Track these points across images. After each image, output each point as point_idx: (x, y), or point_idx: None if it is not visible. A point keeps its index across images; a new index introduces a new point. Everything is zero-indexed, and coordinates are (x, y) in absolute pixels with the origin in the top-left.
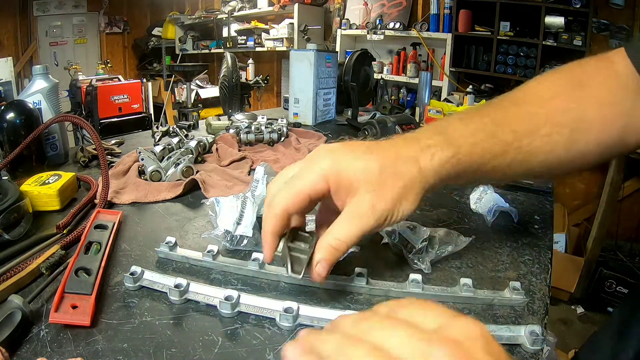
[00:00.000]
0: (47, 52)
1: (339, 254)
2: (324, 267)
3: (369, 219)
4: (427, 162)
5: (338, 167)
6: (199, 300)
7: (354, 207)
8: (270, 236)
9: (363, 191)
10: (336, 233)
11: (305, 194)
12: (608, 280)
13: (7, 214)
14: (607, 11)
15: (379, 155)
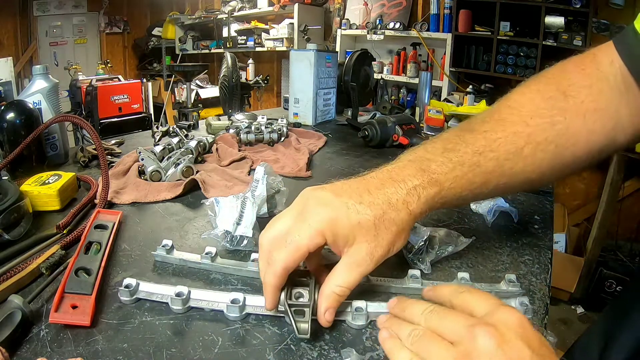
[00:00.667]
0: (47, 52)
1: (342, 299)
2: (331, 313)
3: (367, 265)
4: (414, 204)
5: (334, 221)
6: (203, 307)
7: (353, 256)
8: (273, 290)
9: (360, 241)
10: (338, 281)
11: (304, 250)
12: (608, 280)
13: (7, 214)
14: (607, 11)
15: (372, 204)
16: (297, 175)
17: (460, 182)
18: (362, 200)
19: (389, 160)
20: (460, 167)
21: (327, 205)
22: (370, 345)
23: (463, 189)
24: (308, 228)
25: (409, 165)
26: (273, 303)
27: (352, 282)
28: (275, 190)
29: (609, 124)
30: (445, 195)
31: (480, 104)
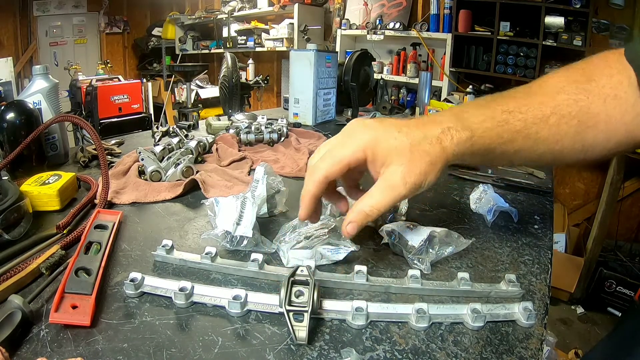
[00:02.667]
0: (47, 52)
1: (369, 219)
2: (354, 227)
3: (400, 189)
4: (447, 142)
5: (375, 141)
6: (206, 302)
7: (387, 178)
8: (310, 199)
9: (396, 164)
10: (371, 201)
11: (345, 162)
12: (608, 280)
13: (7, 214)
14: (607, 11)
15: (409, 134)
16: (297, 176)
17: (490, 134)
18: (401, 130)
19: None
20: (491, 120)
21: (371, 128)
22: (370, 345)
23: (492, 141)
24: (352, 143)
25: (445, 113)
26: (307, 212)
27: (383, 203)
28: (275, 190)
29: (628, 116)
30: (475, 142)
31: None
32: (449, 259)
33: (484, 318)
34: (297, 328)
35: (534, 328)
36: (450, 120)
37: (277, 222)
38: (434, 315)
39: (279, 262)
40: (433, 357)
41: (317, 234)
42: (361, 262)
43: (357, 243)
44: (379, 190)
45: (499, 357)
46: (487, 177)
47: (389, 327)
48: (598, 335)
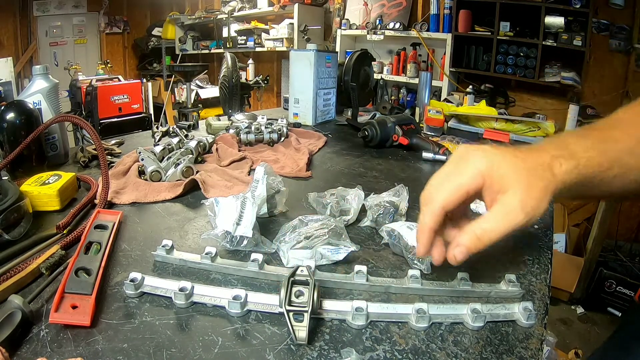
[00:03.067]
0: (47, 52)
1: (480, 245)
2: (462, 252)
3: (518, 215)
4: (557, 169)
5: (492, 166)
6: (206, 302)
7: (505, 204)
8: (428, 233)
9: (514, 189)
10: (485, 224)
11: (464, 189)
12: (608, 280)
13: (7, 214)
14: (607, 11)
15: (524, 160)
16: (297, 176)
17: (592, 163)
18: (516, 155)
19: (389, 160)
20: (592, 149)
21: (487, 153)
22: (370, 345)
23: (594, 169)
24: (469, 169)
25: (549, 142)
26: (426, 247)
27: (499, 229)
28: (275, 191)
29: None
30: (580, 171)
31: (480, 104)
32: None
33: (484, 318)
34: (297, 328)
35: (534, 328)
36: (557, 148)
37: (277, 222)
38: (434, 315)
39: (279, 262)
40: (433, 357)
41: (317, 234)
42: (361, 262)
43: (357, 243)
44: (495, 215)
45: (499, 357)
46: None
47: (389, 327)
48: (598, 335)
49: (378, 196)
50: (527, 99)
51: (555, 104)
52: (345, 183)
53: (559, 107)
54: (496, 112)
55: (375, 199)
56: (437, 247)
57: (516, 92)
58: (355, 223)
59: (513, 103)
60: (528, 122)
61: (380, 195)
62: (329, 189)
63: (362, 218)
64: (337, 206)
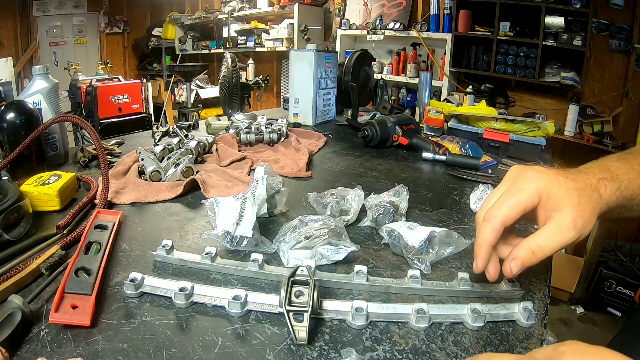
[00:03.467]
0: (47, 52)
1: (533, 259)
2: (518, 265)
3: (570, 232)
4: (603, 190)
5: (549, 184)
6: (206, 302)
7: (559, 221)
8: (488, 248)
9: (567, 207)
10: (539, 240)
11: (523, 206)
12: (608, 281)
13: (7, 214)
14: (607, 11)
15: (575, 181)
16: (297, 176)
17: (632, 185)
18: (567, 176)
19: (388, 160)
20: (632, 171)
21: (542, 173)
22: (370, 345)
23: (634, 191)
24: (527, 187)
25: (593, 165)
26: (484, 262)
27: (552, 245)
28: (275, 191)
29: None
30: (622, 192)
31: (480, 104)
32: (449, 259)
33: (484, 318)
34: (297, 328)
35: (534, 328)
36: (601, 171)
37: (277, 222)
38: (434, 315)
39: (279, 262)
40: (433, 357)
41: (317, 234)
42: (361, 262)
43: (357, 243)
44: (548, 231)
45: None
46: (487, 177)
47: (389, 327)
48: (598, 335)
49: (378, 196)
50: (527, 99)
51: (555, 104)
52: (345, 183)
53: (559, 107)
54: (496, 112)
55: (375, 199)
56: (492, 263)
57: (516, 92)
58: (355, 223)
59: (513, 103)
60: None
61: (380, 195)
62: (329, 189)
63: (362, 218)
64: (337, 206)
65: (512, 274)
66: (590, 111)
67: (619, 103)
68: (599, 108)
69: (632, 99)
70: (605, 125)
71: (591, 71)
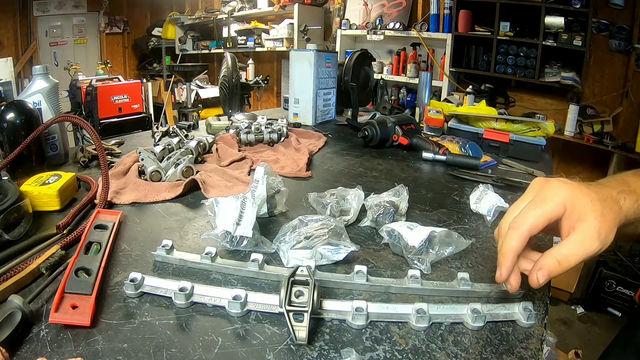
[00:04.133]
0: (47, 52)
1: (559, 269)
2: (544, 275)
3: (593, 242)
4: (622, 202)
5: (574, 196)
6: (206, 302)
7: (582, 232)
8: (514, 257)
9: (591, 218)
10: (564, 250)
11: (548, 215)
12: (608, 281)
13: (7, 214)
14: (607, 11)
15: (597, 192)
16: (297, 176)
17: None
18: (590, 187)
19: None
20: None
21: (566, 184)
22: (370, 345)
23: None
24: (553, 198)
25: (611, 179)
26: (509, 270)
27: (577, 255)
28: (275, 191)
29: None
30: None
31: (480, 104)
32: (449, 259)
33: (484, 318)
34: (297, 328)
35: (534, 328)
36: (619, 184)
37: (277, 222)
38: (434, 315)
39: (279, 262)
40: (433, 357)
41: (317, 234)
42: (361, 262)
43: (357, 243)
44: (573, 242)
45: (499, 357)
46: (487, 177)
47: (389, 327)
48: (598, 335)
49: (378, 196)
50: (527, 99)
51: (555, 104)
52: (345, 183)
53: (559, 107)
54: (496, 112)
55: (375, 199)
56: (515, 273)
57: (516, 92)
58: (355, 223)
59: (513, 103)
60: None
61: (380, 195)
62: (329, 189)
63: (362, 218)
64: (337, 206)
65: (538, 284)
66: (590, 111)
67: (619, 103)
68: (599, 108)
69: (632, 99)
70: (605, 125)
71: (591, 71)
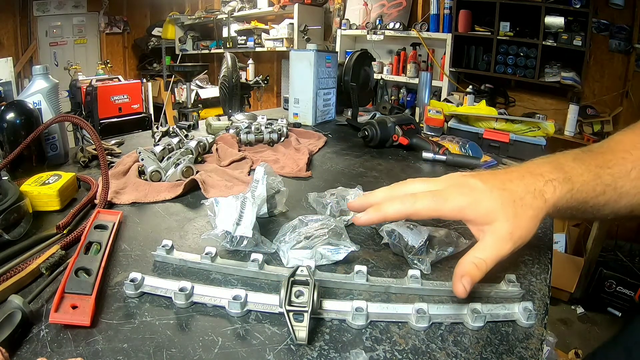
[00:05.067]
0: (47, 52)
1: (478, 273)
2: (468, 281)
3: (506, 243)
4: (549, 194)
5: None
6: (206, 302)
7: (494, 234)
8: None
9: (501, 220)
10: (478, 253)
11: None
12: (608, 281)
13: (7, 214)
14: (607, 11)
15: (512, 191)
16: (297, 176)
17: (587, 188)
18: (505, 187)
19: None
20: (587, 173)
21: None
22: (370, 345)
23: (588, 194)
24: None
25: (545, 163)
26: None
27: (491, 257)
28: (275, 191)
29: None
30: (574, 195)
31: (480, 104)
32: (449, 259)
33: (484, 318)
34: (297, 328)
35: (534, 328)
36: (552, 172)
37: (277, 222)
38: (434, 315)
39: (279, 262)
40: (433, 357)
41: (317, 234)
42: (361, 262)
43: (357, 243)
44: (486, 245)
45: (499, 357)
46: None
47: (389, 327)
48: (598, 335)
49: None
50: (527, 99)
51: (555, 104)
52: (345, 183)
53: (559, 107)
54: (496, 112)
55: None
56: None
57: (516, 92)
58: None
59: (513, 103)
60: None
61: None
62: (329, 189)
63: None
64: (337, 206)
65: (466, 291)
66: (590, 111)
67: (619, 103)
68: (599, 108)
69: (632, 99)
70: (605, 125)
71: (591, 71)
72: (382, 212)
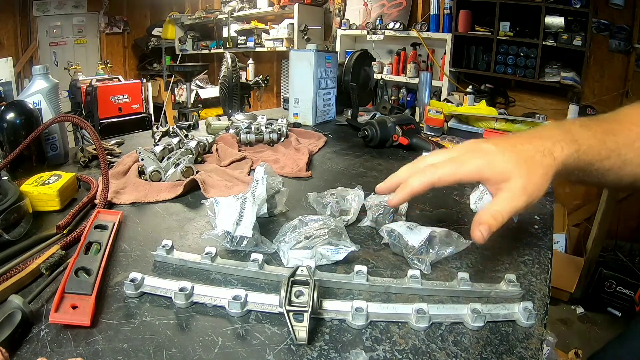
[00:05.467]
0: (47, 52)
1: (495, 223)
2: (486, 229)
3: (521, 197)
4: (558, 152)
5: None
6: (206, 302)
7: (509, 189)
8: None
9: (516, 177)
10: (495, 207)
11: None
12: (608, 281)
13: (7, 214)
14: (607, 11)
15: (522, 151)
16: (297, 176)
17: (592, 151)
18: (515, 149)
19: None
20: (593, 138)
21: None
22: (370, 345)
23: (592, 157)
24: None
25: (553, 128)
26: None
27: (507, 209)
28: (275, 191)
29: None
30: (580, 156)
31: (480, 104)
32: (449, 259)
33: (484, 318)
34: (297, 328)
35: (534, 328)
36: (560, 134)
37: (277, 222)
38: (434, 315)
39: (279, 262)
40: (433, 357)
41: (317, 234)
42: (361, 262)
43: (357, 243)
44: (502, 199)
45: (499, 357)
46: None
47: (389, 327)
48: (598, 335)
49: (378, 196)
50: (527, 99)
51: (555, 104)
52: (345, 183)
53: (559, 107)
54: (496, 112)
55: (375, 199)
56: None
57: (516, 92)
58: (355, 223)
59: (513, 103)
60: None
61: (381, 195)
62: (329, 189)
63: (362, 218)
64: (337, 206)
65: (483, 237)
66: (590, 111)
67: (619, 103)
68: (599, 108)
69: (632, 99)
70: None
71: (591, 71)
72: (408, 188)
